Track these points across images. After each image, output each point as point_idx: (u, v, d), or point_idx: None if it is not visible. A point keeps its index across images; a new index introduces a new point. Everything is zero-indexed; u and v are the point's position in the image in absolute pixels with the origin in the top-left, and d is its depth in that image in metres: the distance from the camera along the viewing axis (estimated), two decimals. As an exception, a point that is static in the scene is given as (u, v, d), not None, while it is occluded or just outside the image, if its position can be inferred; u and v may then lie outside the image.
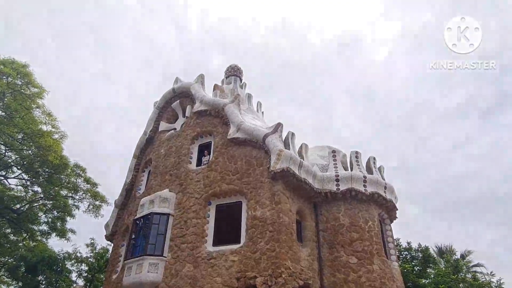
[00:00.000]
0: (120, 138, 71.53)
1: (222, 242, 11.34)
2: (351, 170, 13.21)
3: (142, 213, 13.07)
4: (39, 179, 20.70)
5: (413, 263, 21.00)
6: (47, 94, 19.92)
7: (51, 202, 21.45)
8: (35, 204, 22.11)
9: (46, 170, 20.33)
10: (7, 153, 19.66)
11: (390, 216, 13.60)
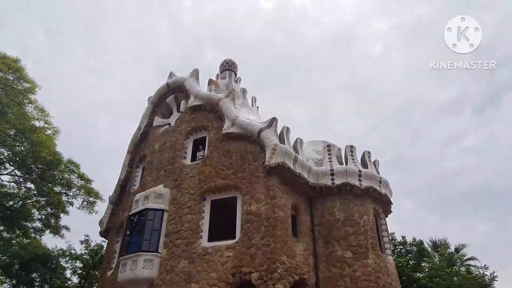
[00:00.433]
0: (114, 133, 71.17)
1: (217, 237, 11.30)
2: (346, 164, 13.18)
3: (137, 209, 12.99)
4: (32, 175, 20.41)
5: (407, 257, 21.18)
6: (39, 89, 19.64)
7: (44, 198, 21.19)
8: (28, 201, 21.83)
9: (39, 166, 20.05)
10: (-1, 150, 19.38)
11: (385, 210, 13.62)
